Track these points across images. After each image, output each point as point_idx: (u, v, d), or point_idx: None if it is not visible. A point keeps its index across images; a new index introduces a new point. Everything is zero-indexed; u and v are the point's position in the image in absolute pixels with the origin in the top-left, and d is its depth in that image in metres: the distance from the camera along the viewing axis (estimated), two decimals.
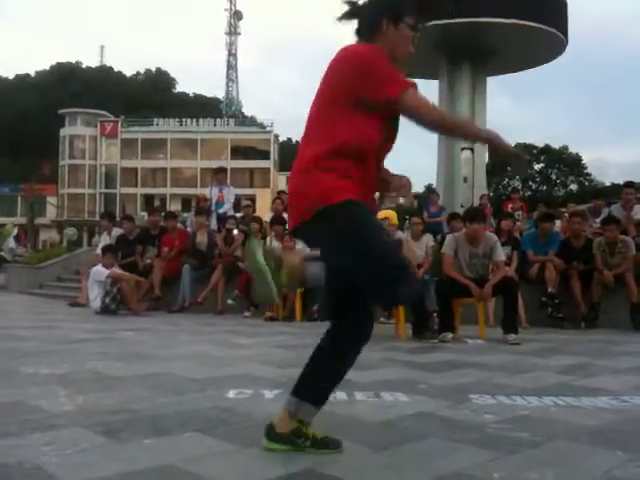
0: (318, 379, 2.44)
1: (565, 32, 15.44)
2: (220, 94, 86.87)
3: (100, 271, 8.90)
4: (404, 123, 2.51)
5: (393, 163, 2.77)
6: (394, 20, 2.49)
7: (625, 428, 2.88)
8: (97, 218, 46.79)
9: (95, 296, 8.87)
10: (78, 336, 6.26)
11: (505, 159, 2.55)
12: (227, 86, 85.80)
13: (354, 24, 2.56)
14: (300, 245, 9.12)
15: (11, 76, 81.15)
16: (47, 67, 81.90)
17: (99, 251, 10.15)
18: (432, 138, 16.17)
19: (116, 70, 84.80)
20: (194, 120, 68.08)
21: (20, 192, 60.02)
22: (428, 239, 8.72)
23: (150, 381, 3.84)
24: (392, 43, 2.50)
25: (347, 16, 2.57)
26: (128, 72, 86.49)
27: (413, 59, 2.65)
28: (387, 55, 2.44)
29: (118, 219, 12.67)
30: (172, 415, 2.97)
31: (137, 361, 4.66)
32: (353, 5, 2.55)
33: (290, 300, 8.48)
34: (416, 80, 2.65)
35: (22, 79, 79.70)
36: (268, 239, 9.39)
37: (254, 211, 13.04)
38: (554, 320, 7.65)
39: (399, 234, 8.04)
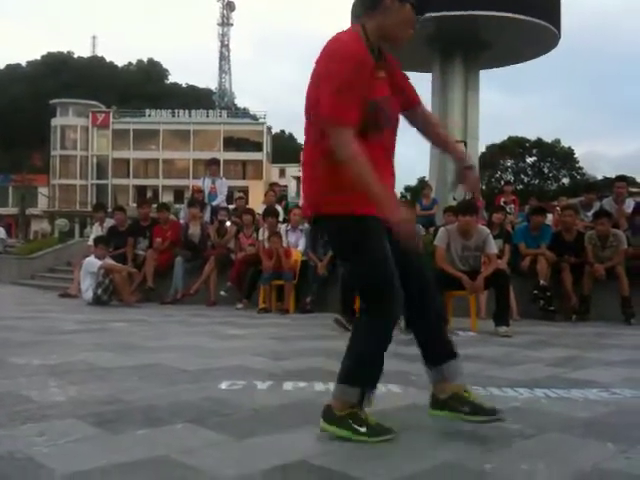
0: None
1: (558, 26, 15.44)
2: (213, 85, 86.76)
3: (92, 262, 8.88)
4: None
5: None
6: None
7: (615, 420, 2.90)
8: (89, 209, 46.73)
9: (87, 287, 8.85)
10: (70, 327, 6.25)
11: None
12: (220, 77, 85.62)
13: None
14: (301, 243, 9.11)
15: (2, 66, 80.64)
16: (38, 57, 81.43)
17: (91, 242, 10.13)
18: None
19: (108, 60, 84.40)
20: (186, 111, 67.87)
21: (11, 182, 59.71)
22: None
23: (142, 372, 3.84)
24: (393, 21, 2.44)
25: None
26: (120, 62, 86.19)
27: (405, 52, 2.64)
28: (382, 33, 2.43)
29: (110, 210, 12.64)
30: (165, 406, 2.97)
31: (129, 352, 4.66)
32: None
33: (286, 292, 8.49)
34: (409, 73, 2.62)
35: (13, 69, 79.16)
36: (260, 231, 9.38)
37: (247, 203, 13.03)
38: (545, 313, 7.69)
39: None
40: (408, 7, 2.43)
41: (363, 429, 2.46)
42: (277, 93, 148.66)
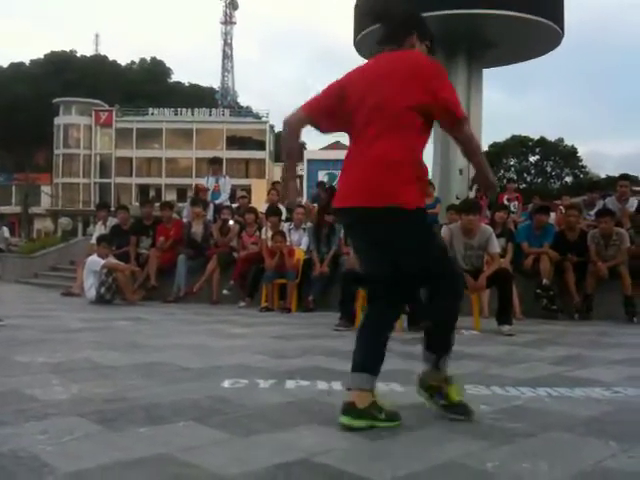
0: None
1: (561, 24, 15.39)
2: (216, 84, 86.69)
3: (95, 261, 8.89)
4: None
5: None
6: (420, 37, 2.92)
7: (618, 419, 2.90)
8: (92, 208, 46.82)
9: (90, 286, 8.86)
10: (73, 325, 6.26)
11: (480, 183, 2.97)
12: (223, 76, 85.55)
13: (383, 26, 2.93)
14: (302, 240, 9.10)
15: (5, 64, 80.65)
16: (41, 56, 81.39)
17: (94, 241, 10.14)
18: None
19: (111, 59, 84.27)
20: (189, 110, 67.89)
21: (14, 181, 59.78)
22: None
23: (145, 370, 3.85)
24: None
25: (378, 18, 3.02)
26: (123, 61, 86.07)
27: None
28: None
29: (113, 209, 12.65)
30: (167, 404, 2.97)
31: (132, 350, 4.67)
32: (386, 10, 2.96)
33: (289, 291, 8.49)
34: None
35: (16, 68, 79.16)
36: (263, 230, 9.39)
37: (250, 202, 13.02)
38: (548, 312, 7.68)
39: None
40: (422, 46, 2.93)
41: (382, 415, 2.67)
42: (280, 91, 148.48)
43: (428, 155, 16.87)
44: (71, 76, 73.55)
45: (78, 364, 4.05)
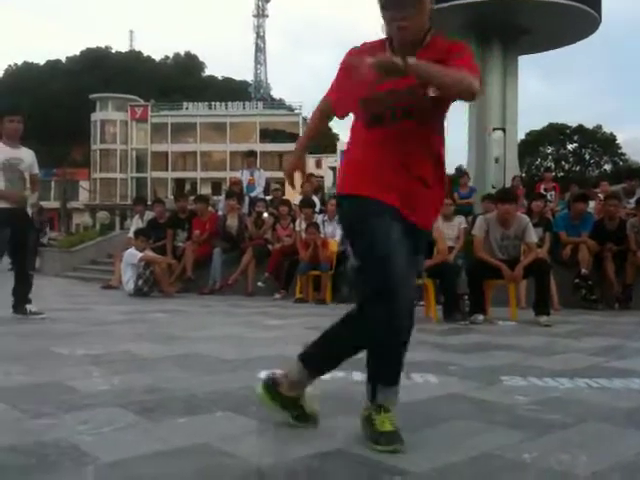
0: None
1: (598, 10, 15.08)
2: (249, 77, 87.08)
3: (133, 254, 9.01)
4: None
5: None
6: None
7: None
8: (129, 202, 47.42)
9: (128, 279, 9.00)
10: (112, 318, 6.36)
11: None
12: (255, 69, 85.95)
13: None
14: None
15: (42, 62, 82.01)
16: (77, 53, 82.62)
17: (131, 234, 10.29)
18: (463, 118, 15.90)
19: (145, 54, 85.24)
20: (223, 104, 68.23)
21: (53, 177, 60.77)
22: (460, 220, 8.52)
23: (182, 362, 3.89)
24: None
25: None
26: (157, 56, 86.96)
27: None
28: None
29: (149, 203, 12.81)
30: (204, 395, 3.00)
31: (169, 342, 4.72)
32: None
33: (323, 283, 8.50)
34: None
35: (53, 65, 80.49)
36: (297, 222, 9.41)
37: (283, 194, 13.07)
38: (587, 302, 7.57)
39: None
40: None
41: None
42: (312, 83, 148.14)
43: (463, 144, 16.71)
44: (107, 72, 74.53)
45: (117, 356, 4.12)
